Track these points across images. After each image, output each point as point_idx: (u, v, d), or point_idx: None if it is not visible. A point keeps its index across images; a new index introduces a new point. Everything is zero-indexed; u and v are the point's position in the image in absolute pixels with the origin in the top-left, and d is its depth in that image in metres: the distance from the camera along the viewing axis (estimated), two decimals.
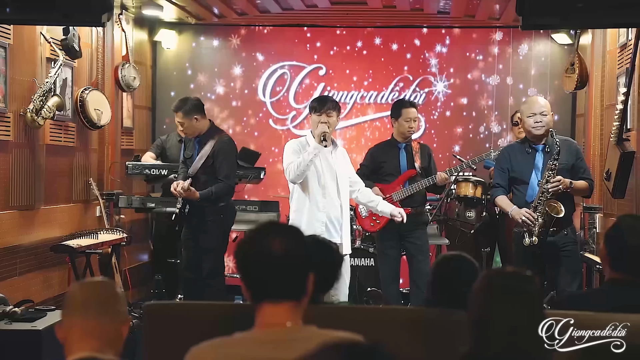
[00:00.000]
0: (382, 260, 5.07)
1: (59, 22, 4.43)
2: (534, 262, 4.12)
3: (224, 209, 4.98)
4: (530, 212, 4.11)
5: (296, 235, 1.85)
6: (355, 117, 7.18)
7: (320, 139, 4.40)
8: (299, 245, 1.83)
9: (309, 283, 1.84)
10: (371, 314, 2.53)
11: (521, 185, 4.29)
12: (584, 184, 4.24)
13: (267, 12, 6.67)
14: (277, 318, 1.81)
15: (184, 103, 4.95)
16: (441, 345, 2.34)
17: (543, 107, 4.23)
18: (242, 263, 1.82)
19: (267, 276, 1.80)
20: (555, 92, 6.80)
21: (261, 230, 1.84)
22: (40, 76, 4.88)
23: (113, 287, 1.96)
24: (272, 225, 1.88)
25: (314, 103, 4.59)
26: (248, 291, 1.83)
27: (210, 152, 4.89)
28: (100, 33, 5.89)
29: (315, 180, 4.54)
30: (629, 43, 4.88)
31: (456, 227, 5.89)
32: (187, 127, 4.95)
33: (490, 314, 1.85)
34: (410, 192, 4.90)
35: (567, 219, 4.22)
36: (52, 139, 5.14)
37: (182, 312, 2.51)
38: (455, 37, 7.07)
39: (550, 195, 4.08)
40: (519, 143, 4.49)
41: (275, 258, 1.79)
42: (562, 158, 4.18)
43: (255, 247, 1.81)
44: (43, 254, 4.95)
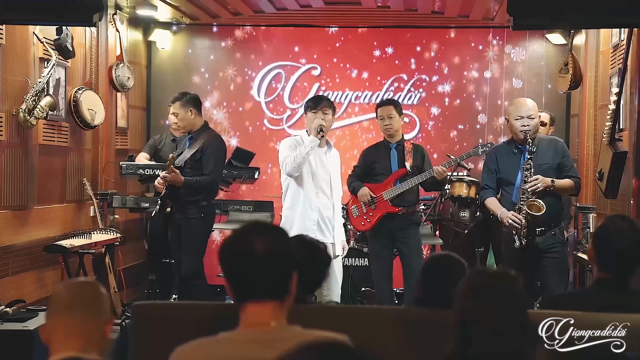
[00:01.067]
0: (374, 259, 5.07)
1: (50, 22, 4.43)
2: (522, 262, 4.13)
3: (206, 208, 4.94)
4: (516, 215, 4.12)
5: (280, 235, 1.85)
6: (350, 117, 7.18)
7: (316, 131, 4.42)
8: (282, 245, 1.83)
9: (293, 283, 1.84)
10: (359, 314, 2.54)
11: (508, 186, 4.30)
12: (569, 182, 4.23)
13: (261, 12, 6.67)
14: (261, 318, 1.80)
15: (183, 95, 5.01)
16: (430, 344, 2.34)
17: (530, 110, 4.23)
18: (225, 263, 1.82)
19: (251, 276, 1.80)
20: (549, 92, 6.80)
21: (245, 230, 1.84)
22: (33, 76, 4.88)
23: (97, 287, 1.95)
24: (256, 224, 1.88)
25: (309, 102, 4.62)
26: (232, 291, 1.83)
27: (200, 146, 4.90)
28: (94, 33, 5.89)
29: (309, 179, 4.57)
30: (621, 43, 4.88)
31: (450, 227, 5.89)
32: (181, 118, 4.95)
33: (474, 314, 1.86)
34: (400, 190, 4.89)
35: (555, 218, 4.23)
36: (45, 139, 5.14)
37: (170, 312, 2.51)
38: (450, 37, 7.08)
39: (531, 195, 4.09)
40: (506, 144, 4.49)
41: (259, 258, 1.79)
42: (548, 157, 4.20)
43: (238, 247, 1.81)
44: (36, 254, 4.95)
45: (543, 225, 4.14)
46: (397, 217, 4.90)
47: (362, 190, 4.93)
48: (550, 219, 4.16)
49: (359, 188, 4.96)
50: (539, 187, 4.09)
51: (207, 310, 2.46)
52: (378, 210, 4.93)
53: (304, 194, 4.57)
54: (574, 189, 4.31)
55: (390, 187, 4.94)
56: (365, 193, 4.91)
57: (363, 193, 4.92)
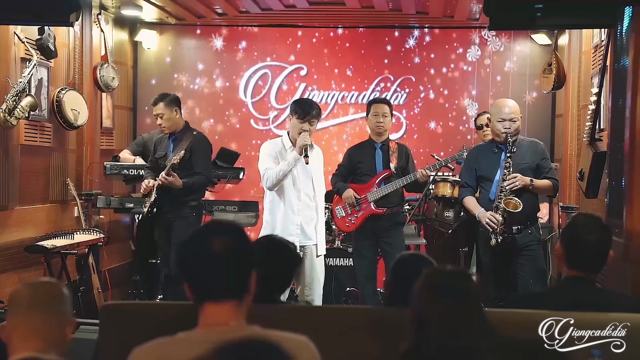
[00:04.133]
0: (358, 260, 5.08)
1: (27, 22, 4.42)
2: (499, 260, 4.16)
3: (197, 207, 5.00)
4: (494, 214, 4.14)
5: (238, 234, 1.84)
6: (336, 117, 7.18)
7: (301, 150, 4.39)
8: (240, 244, 1.83)
9: (252, 281, 1.84)
10: (328, 314, 2.53)
11: (486, 183, 4.34)
12: (547, 182, 4.29)
13: (246, 13, 6.68)
14: (219, 318, 1.80)
15: (165, 95, 5.03)
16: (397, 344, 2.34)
17: (512, 113, 4.26)
18: (184, 262, 1.82)
19: (208, 275, 1.80)
20: (535, 92, 6.82)
21: (203, 230, 1.84)
22: (14, 76, 4.86)
23: (59, 287, 1.95)
24: (215, 224, 1.88)
25: (297, 108, 4.50)
26: (191, 291, 1.83)
27: (188, 146, 4.91)
28: (78, 33, 5.88)
29: (290, 183, 4.50)
30: (601, 43, 4.90)
31: (434, 226, 5.89)
32: (167, 118, 4.96)
33: (429, 312, 1.87)
34: (384, 192, 4.90)
35: (531, 217, 4.25)
36: (27, 139, 5.12)
37: (138, 312, 2.51)
38: (435, 37, 7.09)
39: (508, 193, 4.12)
40: (488, 143, 4.55)
41: (216, 257, 1.78)
42: (527, 157, 4.25)
43: (196, 246, 1.81)
44: (17, 254, 4.93)
45: (520, 224, 4.16)
46: (381, 218, 4.91)
47: (346, 192, 4.93)
48: (527, 218, 4.20)
49: (344, 190, 4.95)
50: (517, 185, 4.12)
51: (176, 310, 2.45)
52: (363, 212, 4.93)
53: (286, 198, 4.50)
54: (552, 190, 4.36)
55: (374, 189, 4.94)
56: (350, 195, 4.91)
57: (347, 195, 4.92)
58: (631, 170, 3.17)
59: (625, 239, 3.18)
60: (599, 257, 2.52)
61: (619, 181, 3.33)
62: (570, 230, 2.57)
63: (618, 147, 3.37)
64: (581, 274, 2.51)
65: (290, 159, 4.41)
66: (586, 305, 2.45)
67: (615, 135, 3.47)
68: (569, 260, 2.54)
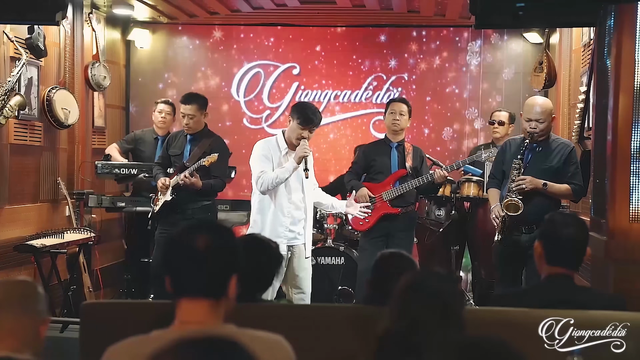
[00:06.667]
0: (363, 254, 5.02)
1: (13, 21, 4.41)
2: (504, 257, 4.17)
3: (211, 207, 5.13)
4: (497, 216, 4.16)
5: (224, 235, 1.84)
6: (329, 116, 7.18)
7: (300, 160, 4.35)
8: (224, 245, 1.83)
9: (232, 285, 1.83)
10: (306, 313, 2.54)
11: (506, 179, 4.28)
12: (565, 187, 4.18)
13: (237, 12, 6.68)
14: (194, 315, 1.80)
15: (198, 97, 5.09)
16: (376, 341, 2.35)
17: (539, 114, 4.16)
18: (166, 257, 1.84)
19: (187, 271, 1.80)
20: (527, 90, 6.81)
21: (190, 226, 1.85)
22: (3, 75, 4.86)
23: (34, 286, 1.95)
24: (204, 222, 1.91)
25: (300, 114, 4.41)
26: (170, 285, 1.84)
27: (208, 149, 4.95)
28: (69, 32, 5.88)
29: (282, 185, 4.44)
30: (590, 42, 4.90)
31: (425, 225, 5.89)
32: (197, 121, 5.02)
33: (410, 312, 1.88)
34: (400, 191, 4.90)
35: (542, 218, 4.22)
36: (17, 138, 5.12)
37: (119, 311, 2.51)
38: (427, 36, 7.09)
39: (515, 194, 4.09)
40: (521, 139, 4.35)
41: (197, 254, 1.79)
42: (551, 160, 4.19)
43: (180, 242, 1.82)
44: (7, 254, 4.93)
45: (530, 224, 4.13)
46: (396, 218, 4.91)
47: (361, 190, 4.91)
48: (538, 218, 4.14)
49: (358, 188, 4.94)
50: (524, 188, 4.09)
51: (157, 309, 2.46)
52: (377, 211, 4.93)
53: (276, 199, 4.44)
54: (571, 195, 4.26)
55: (389, 188, 4.94)
56: (364, 194, 4.90)
57: (362, 194, 4.90)
58: (613, 169, 3.17)
59: (608, 237, 3.19)
60: (577, 252, 2.54)
61: (602, 180, 3.34)
62: (548, 227, 2.58)
63: (601, 146, 3.38)
64: (562, 270, 2.52)
65: (289, 167, 4.36)
66: (566, 302, 2.46)
67: (598, 134, 3.48)
68: (549, 257, 2.55)
